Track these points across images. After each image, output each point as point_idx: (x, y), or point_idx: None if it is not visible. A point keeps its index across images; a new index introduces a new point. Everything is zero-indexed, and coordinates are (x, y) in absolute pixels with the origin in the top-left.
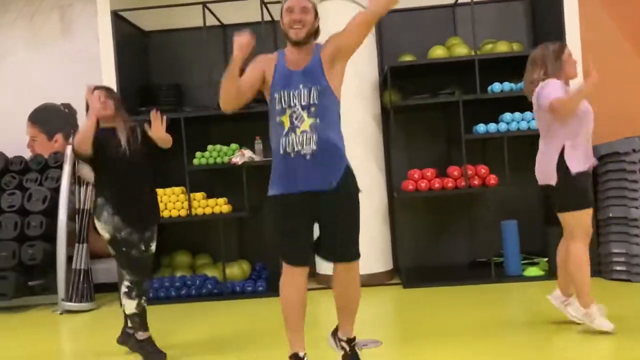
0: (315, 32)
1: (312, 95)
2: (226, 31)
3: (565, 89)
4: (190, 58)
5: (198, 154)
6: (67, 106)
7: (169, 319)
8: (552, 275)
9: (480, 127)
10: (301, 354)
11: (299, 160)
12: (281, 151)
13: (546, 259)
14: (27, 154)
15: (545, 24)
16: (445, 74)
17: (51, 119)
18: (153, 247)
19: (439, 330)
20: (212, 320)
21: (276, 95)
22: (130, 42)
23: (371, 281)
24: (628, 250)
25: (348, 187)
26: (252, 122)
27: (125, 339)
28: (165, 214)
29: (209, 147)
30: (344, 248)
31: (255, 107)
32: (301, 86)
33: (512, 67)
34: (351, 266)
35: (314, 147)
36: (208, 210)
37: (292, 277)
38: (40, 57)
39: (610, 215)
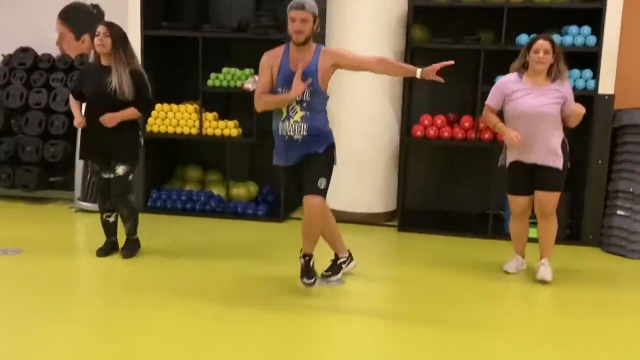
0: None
1: (305, 94)
2: None
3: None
4: None
5: (213, 75)
6: (96, 7)
7: (165, 229)
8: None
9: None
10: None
11: (292, 143)
12: (280, 133)
13: None
14: (55, 52)
15: None
16: (480, 15)
17: (80, 18)
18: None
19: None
20: (206, 235)
21: (279, 90)
22: None
23: (369, 220)
24: (629, 227)
25: (328, 154)
26: (269, 47)
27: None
28: (177, 130)
29: (224, 69)
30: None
31: (273, 34)
32: None
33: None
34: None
35: (305, 134)
36: (218, 132)
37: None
38: None
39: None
